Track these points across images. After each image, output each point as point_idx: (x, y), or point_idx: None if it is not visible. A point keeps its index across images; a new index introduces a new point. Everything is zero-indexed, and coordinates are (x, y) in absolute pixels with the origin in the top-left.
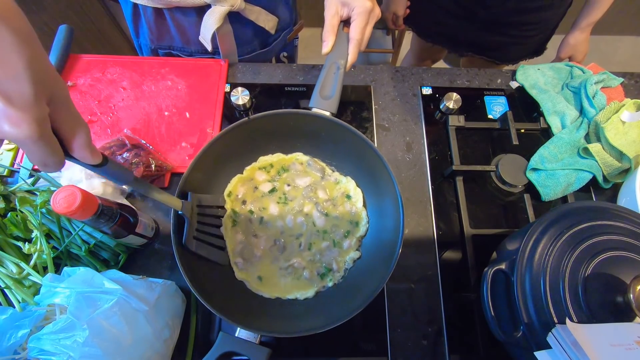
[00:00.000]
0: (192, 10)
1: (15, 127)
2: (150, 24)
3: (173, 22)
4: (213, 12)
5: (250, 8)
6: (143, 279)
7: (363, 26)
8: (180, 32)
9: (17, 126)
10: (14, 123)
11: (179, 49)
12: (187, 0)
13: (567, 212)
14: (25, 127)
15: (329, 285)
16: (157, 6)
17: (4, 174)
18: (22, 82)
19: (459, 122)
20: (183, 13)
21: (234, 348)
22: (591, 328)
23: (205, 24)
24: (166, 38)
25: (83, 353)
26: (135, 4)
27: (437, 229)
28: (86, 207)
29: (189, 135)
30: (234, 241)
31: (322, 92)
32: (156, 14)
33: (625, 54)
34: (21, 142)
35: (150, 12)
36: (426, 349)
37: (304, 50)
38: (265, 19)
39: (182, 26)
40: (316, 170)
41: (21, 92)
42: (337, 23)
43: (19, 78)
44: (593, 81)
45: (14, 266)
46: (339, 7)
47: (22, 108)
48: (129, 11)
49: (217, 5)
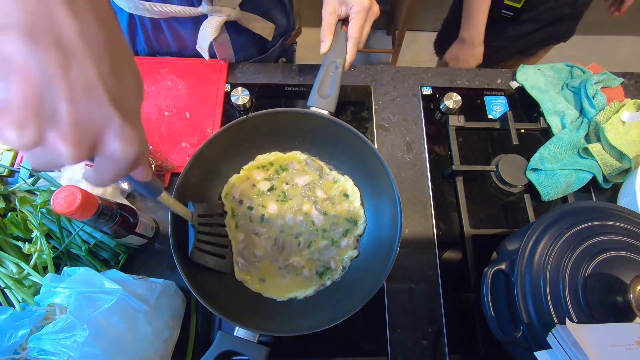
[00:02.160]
0: (188, 20)
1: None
2: (147, 33)
3: (170, 32)
4: (210, 23)
5: (247, 16)
6: (143, 279)
7: (361, 25)
8: (177, 40)
9: (131, 145)
10: (129, 141)
11: (176, 55)
12: (184, 11)
13: (567, 212)
14: (137, 145)
15: (327, 284)
16: (153, 16)
17: (4, 174)
18: (133, 95)
19: (459, 122)
20: (180, 23)
21: (232, 347)
22: (591, 328)
23: (202, 34)
24: (163, 46)
25: (83, 353)
26: (131, 13)
27: (437, 229)
28: (86, 207)
29: (189, 135)
30: (237, 240)
31: (321, 91)
32: (153, 23)
33: (625, 54)
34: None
35: (147, 21)
36: (426, 349)
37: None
38: (262, 26)
39: (179, 35)
40: (314, 169)
41: (133, 106)
42: (334, 22)
43: (132, 91)
44: (593, 81)
45: (14, 266)
46: (337, 6)
47: (134, 124)
48: (124, 21)
49: (214, 16)
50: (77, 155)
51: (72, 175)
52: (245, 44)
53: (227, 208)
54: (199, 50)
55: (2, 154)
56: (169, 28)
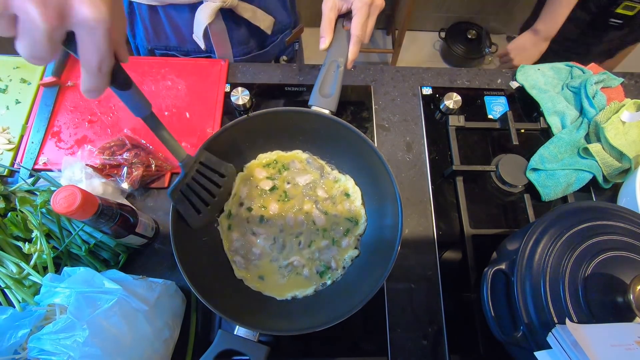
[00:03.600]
0: (185, 7)
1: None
2: (145, 22)
3: (167, 20)
4: (204, 8)
5: (244, 6)
6: (143, 279)
7: (363, 21)
8: (175, 30)
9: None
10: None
11: (175, 49)
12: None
13: (567, 212)
14: (105, 10)
15: (328, 284)
16: (151, 3)
17: (4, 174)
18: None
19: (459, 122)
20: (177, 10)
21: (232, 346)
22: (591, 328)
23: (197, 20)
24: (162, 37)
25: (83, 353)
26: (130, 2)
27: (437, 229)
28: (86, 207)
29: (189, 135)
30: (230, 239)
31: (322, 91)
32: (151, 11)
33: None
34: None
35: (145, 9)
36: (426, 349)
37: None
38: (260, 17)
39: (177, 24)
40: (315, 168)
41: None
42: (334, 17)
43: None
44: (593, 81)
45: (14, 266)
46: (337, 1)
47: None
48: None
49: (209, 1)
50: (46, 15)
51: (72, 175)
52: (244, 37)
53: (226, 209)
54: (195, 40)
55: (2, 154)
56: (166, 17)
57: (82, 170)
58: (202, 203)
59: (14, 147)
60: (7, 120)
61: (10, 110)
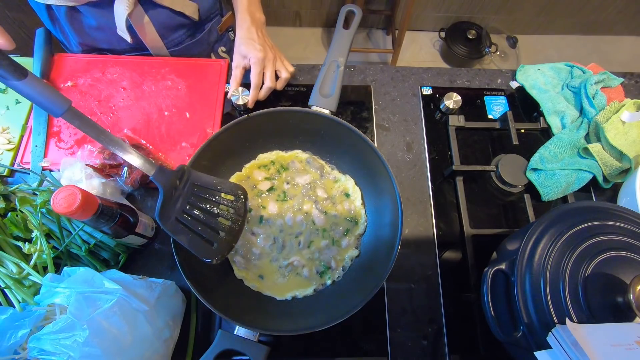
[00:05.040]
0: (104, 3)
1: None
2: (69, 25)
3: (90, 20)
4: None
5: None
6: (143, 279)
7: (258, 72)
8: (101, 30)
9: None
10: None
11: (107, 50)
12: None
13: (567, 212)
14: None
15: (328, 284)
16: (69, 4)
17: (4, 174)
18: None
19: (459, 122)
20: (97, 7)
21: (232, 346)
22: (591, 328)
23: (117, 13)
24: (89, 39)
25: (83, 353)
26: (49, 6)
27: (437, 229)
28: (86, 207)
29: (189, 135)
30: None
31: (322, 90)
32: (71, 13)
33: (626, 54)
34: None
35: (64, 12)
36: (426, 349)
37: (302, 50)
38: (182, 3)
39: (101, 23)
40: (315, 168)
41: None
42: (240, 74)
43: None
44: (593, 81)
45: (14, 266)
46: (240, 60)
47: None
48: (44, 16)
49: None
50: None
51: (72, 175)
52: (171, 26)
53: None
54: (120, 34)
55: (1, 154)
56: (89, 16)
57: (82, 170)
58: (212, 231)
59: (14, 147)
60: (7, 120)
61: (10, 110)
